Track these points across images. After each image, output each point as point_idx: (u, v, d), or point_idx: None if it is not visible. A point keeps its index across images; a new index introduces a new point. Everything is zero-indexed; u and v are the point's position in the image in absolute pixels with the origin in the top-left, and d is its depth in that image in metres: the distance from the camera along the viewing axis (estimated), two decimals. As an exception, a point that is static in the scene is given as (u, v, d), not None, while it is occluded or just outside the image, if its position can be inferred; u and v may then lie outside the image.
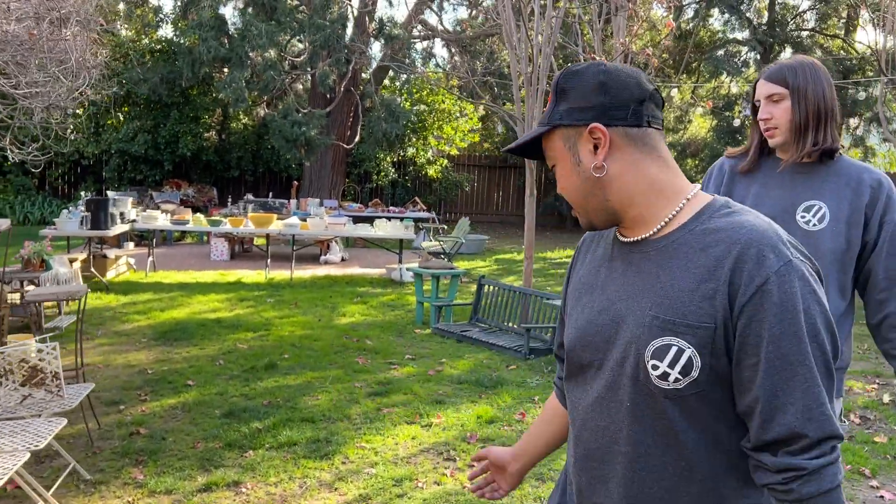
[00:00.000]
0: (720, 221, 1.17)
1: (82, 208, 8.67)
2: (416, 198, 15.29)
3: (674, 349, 1.14)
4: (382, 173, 17.95)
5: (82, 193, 10.46)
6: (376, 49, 16.47)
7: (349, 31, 15.47)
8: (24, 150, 5.80)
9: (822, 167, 2.01)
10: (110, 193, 13.07)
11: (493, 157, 19.28)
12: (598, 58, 6.88)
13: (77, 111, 6.73)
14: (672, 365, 1.14)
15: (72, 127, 6.46)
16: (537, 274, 10.79)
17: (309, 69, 14.85)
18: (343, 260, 11.72)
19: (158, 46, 16.15)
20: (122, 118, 16.41)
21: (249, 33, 14.11)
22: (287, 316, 7.57)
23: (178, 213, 12.02)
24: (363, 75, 16.90)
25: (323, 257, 11.58)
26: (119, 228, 8.94)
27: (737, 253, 1.12)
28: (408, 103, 17.91)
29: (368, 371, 5.71)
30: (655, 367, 1.15)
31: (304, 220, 9.90)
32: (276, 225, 9.78)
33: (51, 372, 3.36)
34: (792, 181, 2.02)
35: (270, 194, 14.30)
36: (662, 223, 1.21)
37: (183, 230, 10.16)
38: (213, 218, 9.90)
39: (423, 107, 18.69)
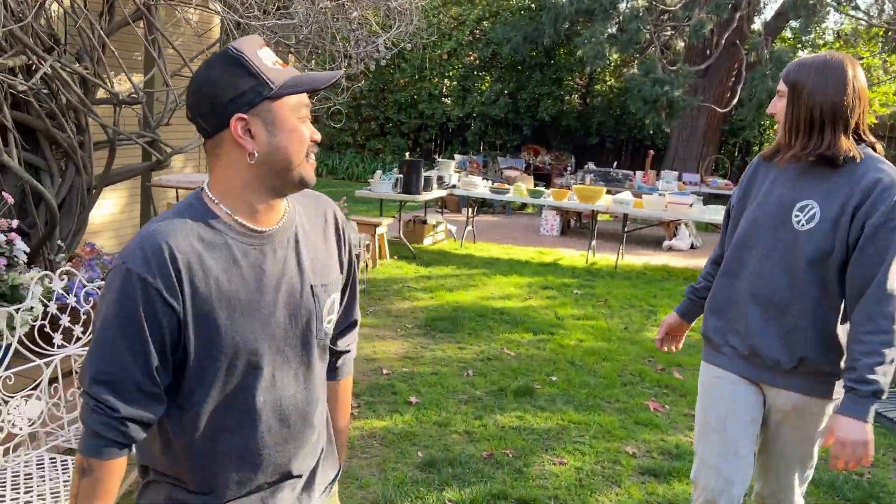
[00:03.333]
0: None
1: (396, 170, 8.18)
2: (806, 176, 12.14)
3: None
4: (766, 143, 14.87)
5: (406, 155, 10.11)
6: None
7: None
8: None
9: (830, 168, 1.93)
10: (457, 157, 12.80)
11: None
12: None
13: (370, 66, 6.03)
14: None
15: (363, 81, 5.80)
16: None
17: (685, 20, 12.65)
18: (692, 247, 9.60)
19: (528, 3, 15.46)
20: (488, 80, 16.21)
21: (618, -21, 12.46)
22: (586, 317, 6.00)
23: (520, 180, 11.14)
24: (753, 26, 14.01)
25: (667, 242, 9.62)
26: (434, 193, 8.27)
27: None
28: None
29: (656, 426, 3.90)
30: None
31: (640, 197, 8.10)
32: (604, 200, 8.17)
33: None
34: (796, 180, 1.98)
35: (615, 164, 12.61)
36: None
37: (498, 199, 9.17)
38: (534, 188, 8.69)
39: (832, 62, 14.97)
